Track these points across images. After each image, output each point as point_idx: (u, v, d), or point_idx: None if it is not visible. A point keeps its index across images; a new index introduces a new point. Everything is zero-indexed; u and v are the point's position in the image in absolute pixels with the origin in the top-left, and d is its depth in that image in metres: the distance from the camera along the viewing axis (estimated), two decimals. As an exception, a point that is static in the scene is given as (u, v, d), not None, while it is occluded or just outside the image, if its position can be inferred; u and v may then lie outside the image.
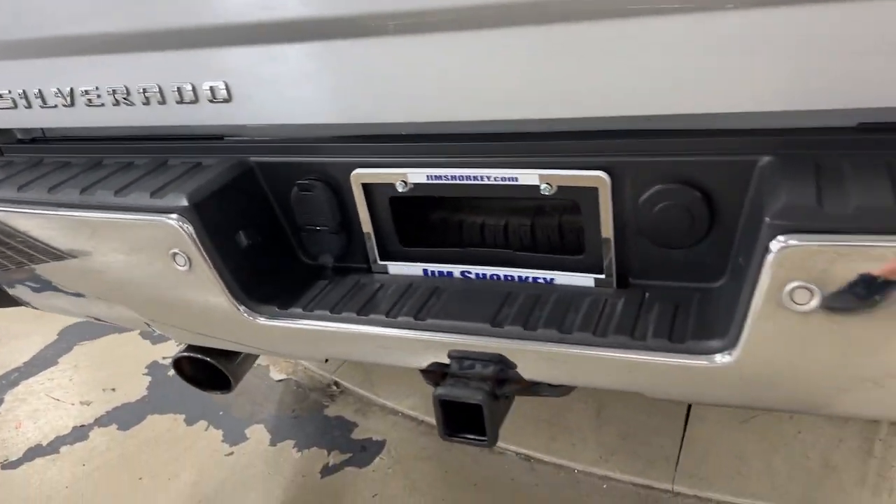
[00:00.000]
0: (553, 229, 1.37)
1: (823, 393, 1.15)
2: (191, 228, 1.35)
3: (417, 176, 1.36)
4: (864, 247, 0.96)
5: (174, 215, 1.36)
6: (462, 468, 2.48)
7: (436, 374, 1.38)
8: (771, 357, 1.09)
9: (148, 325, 1.66)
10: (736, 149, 1.16)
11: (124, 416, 3.03)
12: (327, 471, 2.56)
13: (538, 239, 1.39)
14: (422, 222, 1.46)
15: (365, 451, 2.61)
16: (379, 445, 2.63)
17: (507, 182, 1.30)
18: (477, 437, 1.35)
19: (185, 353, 1.73)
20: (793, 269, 1.00)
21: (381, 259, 1.50)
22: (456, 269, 1.45)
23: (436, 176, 1.35)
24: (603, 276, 1.34)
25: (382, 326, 1.35)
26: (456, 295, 1.40)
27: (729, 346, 1.11)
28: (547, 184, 1.27)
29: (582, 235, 1.33)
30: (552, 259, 1.38)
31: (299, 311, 1.42)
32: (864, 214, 0.97)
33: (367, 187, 1.41)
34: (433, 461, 2.51)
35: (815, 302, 1.01)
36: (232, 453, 2.74)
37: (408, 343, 1.35)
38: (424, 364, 1.38)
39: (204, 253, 1.37)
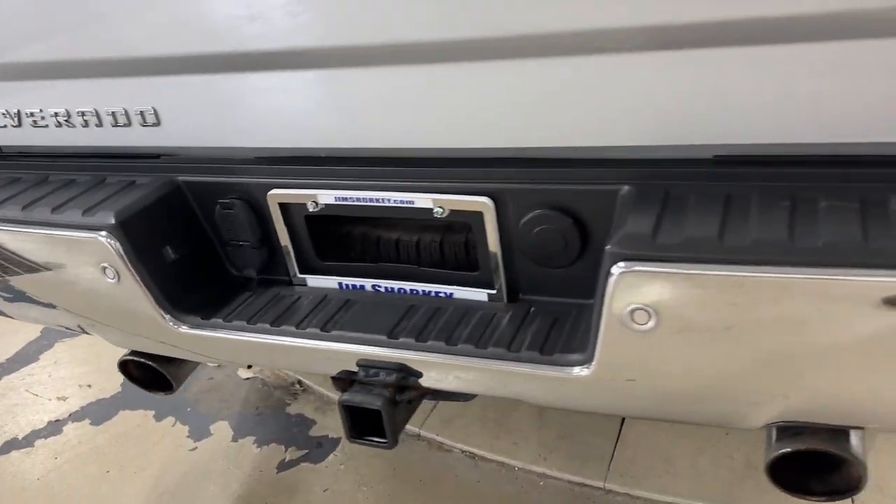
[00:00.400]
0: (451, 247, 1.47)
1: (675, 403, 1.25)
2: (118, 245, 1.47)
3: (326, 197, 1.47)
4: (690, 274, 1.06)
5: (103, 233, 1.48)
6: (410, 465, 2.60)
7: (344, 381, 1.49)
8: (622, 370, 1.20)
9: (85, 330, 1.78)
10: (600, 179, 1.27)
11: (98, 412, 3.16)
12: (283, 466, 2.68)
13: (439, 256, 1.49)
14: (337, 238, 1.57)
15: (320, 448, 2.73)
16: (334, 442, 2.74)
17: (405, 205, 1.41)
18: (379, 440, 1.46)
19: (129, 357, 1.85)
20: (631, 292, 1.10)
21: (301, 272, 1.61)
22: (368, 283, 1.56)
23: (342, 197, 1.46)
24: (494, 292, 1.44)
25: (292, 337, 1.47)
26: (364, 307, 1.51)
27: (587, 361, 1.22)
28: (440, 207, 1.38)
29: (476, 254, 1.43)
30: (451, 275, 1.49)
31: (220, 321, 1.53)
32: (690, 244, 1.07)
33: (283, 206, 1.52)
34: (383, 458, 2.63)
35: (652, 322, 1.11)
36: (196, 448, 2.86)
37: (315, 353, 1.46)
38: (335, 372, 1.50)
39: (130, 267, 1.49)
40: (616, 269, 1.10)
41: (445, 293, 1.49)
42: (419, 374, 1.41)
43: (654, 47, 1.14)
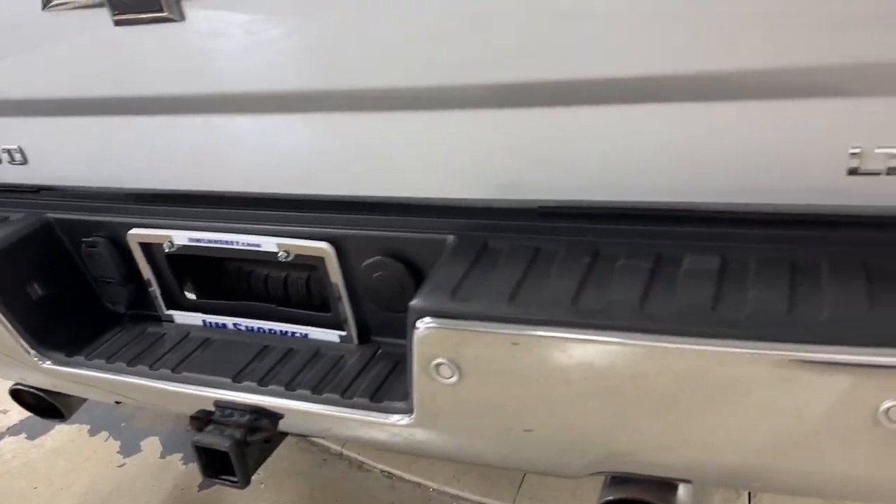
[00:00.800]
0: (303, 289, 1.49)
1: (499, 452, 1.26)
2: (-20, 282, 1.49)
3: (181, 238, 1.48)
4: (486, 332, 1.07)
5: (-36, 270, 1.49)
6: (329, 484, 2.61)
7: (202, 420, 1.50)
8: (439, 420, 1.21)
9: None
10: (430, 228, 1.28)
11: (35, 426, 3.17)
12: (205, 484, 2.70)
13: (294, 297, 1.51)
14: (199, 277, 1.58)
15: (244, 466, 2.74)
16: (257, 460, 2.76)
17: (253, 247, 1.42)
18: (231, 479, 1.47)
19: (19, 385, 1.86)
20: (434, 347, 1.11)
21: (168, 309, 1.62)
22: (230, 321, 1.57)
23: (196, 239, 1.47)
24: (345, 334, 1.46)
25: (146, 378, 1.48)
26: (222, 347, 1.52)
27: (409, 410, 1.23)
28: (284, 251, 1.39)
29: (327, 296, 1.44)
30: (306, 315, 1.50)
31: (81, 359, 1.55)
32: (485, 303, 1.08)
33: (143, 245, 1.54)
34: (303, 477, 2.64)
35: (456, 377, 1.12)
36: (124, 465, 2.88)
37: (169, 394, 1.48)
38: (193, 411, 1.51)
39: (-7, 303, 1.51)
40: (420, 325, 1.11)
41: (301, 333, 1.51)
42: (270, 416, 1.42)
43: (474, 106, 1.15)
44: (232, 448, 1.42)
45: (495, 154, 1.19)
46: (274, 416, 1.42)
